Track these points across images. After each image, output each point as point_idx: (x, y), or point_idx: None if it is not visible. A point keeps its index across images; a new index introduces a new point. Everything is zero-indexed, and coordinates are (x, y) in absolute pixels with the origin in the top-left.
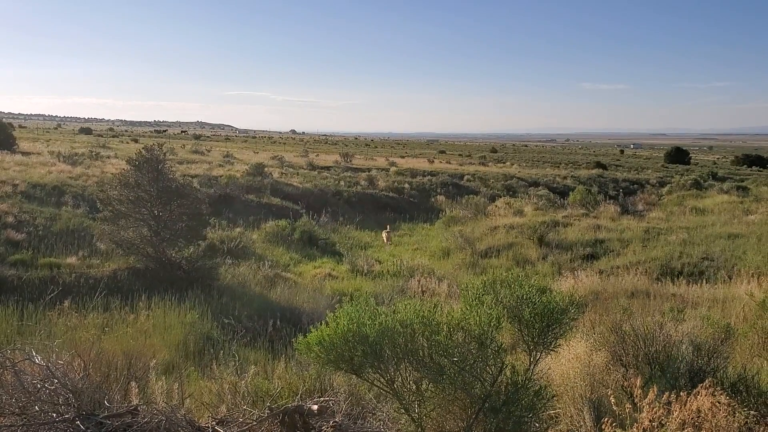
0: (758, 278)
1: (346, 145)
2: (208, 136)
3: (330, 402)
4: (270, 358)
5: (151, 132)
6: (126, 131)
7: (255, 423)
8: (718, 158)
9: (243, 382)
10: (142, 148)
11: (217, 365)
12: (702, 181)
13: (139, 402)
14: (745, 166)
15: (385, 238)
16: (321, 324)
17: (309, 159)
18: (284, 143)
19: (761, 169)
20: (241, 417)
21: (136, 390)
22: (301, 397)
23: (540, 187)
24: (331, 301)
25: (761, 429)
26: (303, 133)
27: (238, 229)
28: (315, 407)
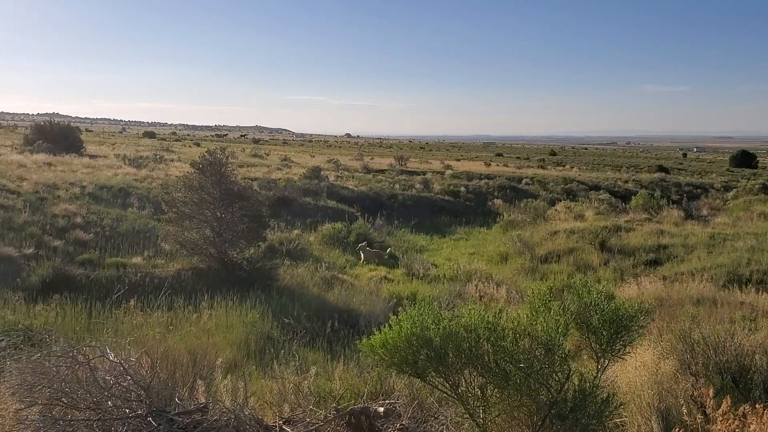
0: None
1: (401, 149)
2: (266, 140)
3: (395, 405)
4: (329, 359)
5: (212, 136)
6: (188, 135)
7: (321, 423)
8: None
9: (306, 382)
10: (206, 152)
11: (277, 365)
12: None
13: (205, 399)
14: None
15: (362, 257)
16: (380, 327)
17: (364, 162)
18: (339, 147)
19: None
20: (307, 417)
21: (203, 388)
22: (365, 399)
23: (601, 191)
24: (388, 304)
25: None
26: (358, 136)
27: (295, 231)
28: (381, 409)
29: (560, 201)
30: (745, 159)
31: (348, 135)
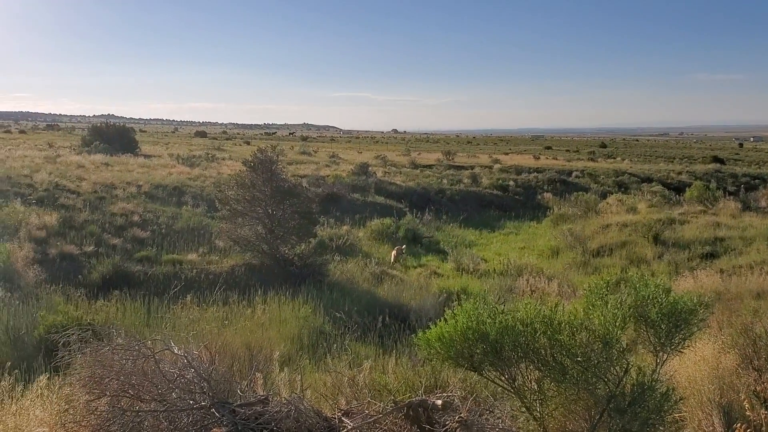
0: None
1: (448, 143)
2: (314, 137)
3: (453, 398)
4: (381, 353)
5: (262, 134)
6: (238, 134)
7: (380, 415)
8: None
9: (361, 375)
10: (256, 150)
11: (330, 358)
12: None
13: (265, 391)
14: None
15: (393, 256)
16: (431, 321)
17: (411, 158)
18: (386, 142)
19: None
20: (365, 409)
21: (261, 380)
22: (422, 392)
23: (653, 183)
24: (438, 299)
25: None
26: (405, 132)
27: (345, 227)
28: (439, 402)
29: (611, 194)
30: None
31: (395, 130)
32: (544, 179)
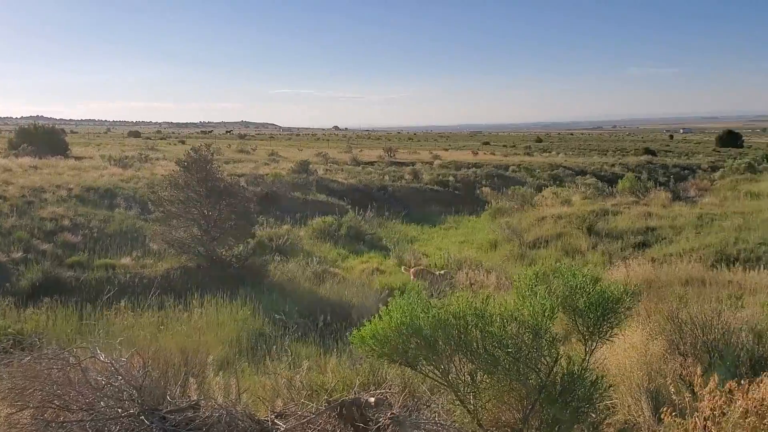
0: None
1: (389, 140)
2: (252, 136)
3: (386, 394)
4: (322, 352)
5: (198, 133)
6: (173, 133)
7: (313, 416)
8: None
9: (298, 376)
10: (190, 149)
11: (270, 360)
12: (756, 164)
13: (198, 397)
14: None
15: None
16: (372, 318)
17: (353, 155)
18: (328, 140)
19: None
20: (299, 410)
21: (195, 386)
22: (356, 390)
23: (587, 176)
24: (380, 296)
25: None
26: (346, 128)
27: (285, 227)
28: (372, 399)
29: (547, 187)
30: (731, 139)
31: (336, 128)
32: (483, 174)
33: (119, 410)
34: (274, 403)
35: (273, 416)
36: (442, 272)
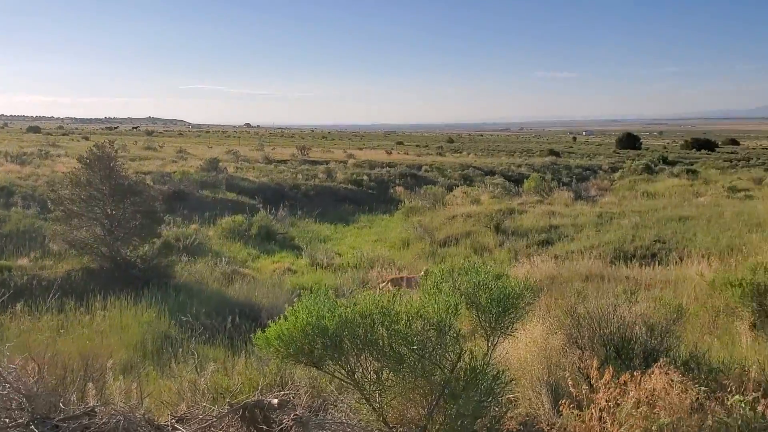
0: (708, 259)
1: (303, 138)
2: (160, 132)
3: (290, 395)
4: (230, 354)
5: (102, 129)
6: (76, 129)
7: (215, 419)
8: (668, 143)
9: (203, 379)
10: (93, 146)
11: (176, 363)
12: (653, 165)
13: (96, 403)
14: (694, 149)
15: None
16: (280, 318)
17: (265, 153)
18: (239, 137)
19: (709, 152)
20: (201, 414)
21: (93, 391)
22: (261, 391)
23: (496, 176)
24: (291, 296)
25: (711, 404)
26: (258, 126)
27: (193, 226)
28: (275, 401)
29: (458, 186)
30: (630, 141)
31: (248, 125)
32: (396, 173)
33: (6, 420)
34: (178, 407)
35: (174, 421)
36: (422, 274)
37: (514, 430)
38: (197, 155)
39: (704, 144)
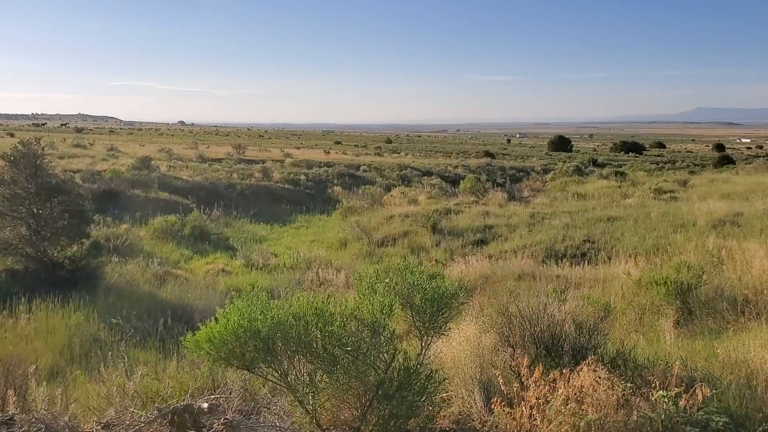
0: (635, 258)
1: (239, 137)
2: (90, 129)
3: (221, 399)
4: (161, 357)
5: (29, 125)
6: (0, 125)
7: (143, 425)
8: (598, 145)
9: (132, 383)
10: (18, 143)
11: (105, 367)
12: (583, 167)
13: (17, 411)
14: (623, 152)
15: None
16: (211, 321)
17: (199, 151)
18: (173, 135)
19: (637, 155)
20: (128, 419)
21: (15, 399)
22: (191, 395)
23: (433, 176)
24: (225, 298)
25: (637, 400)
26: (192, 124)
27: (124, 226)
28: (205, 405)
29: (396, 187)
30: (561, 143)
31: (182, 123)
32: (334, 173)
33: None
34: (105, 412)
35: (99, 427)
36: None
37: (447, 428)
38: (129, 153)
39: (632, 147)
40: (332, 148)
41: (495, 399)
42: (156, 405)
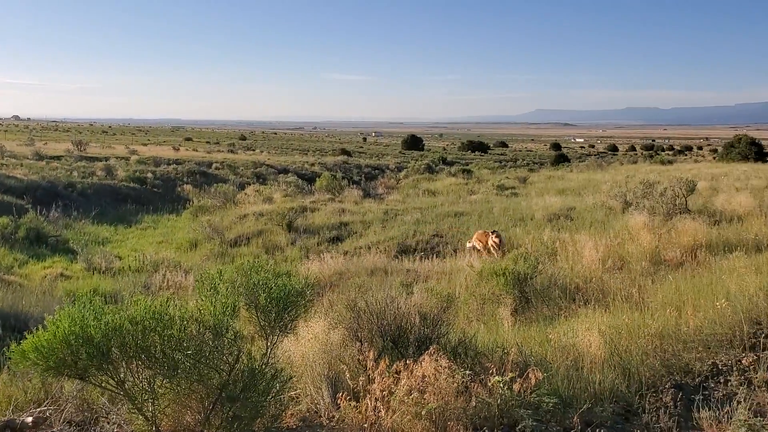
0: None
1: (80, 132)
2: None
3: (48, 412)
4: None
5: None
6: None
7: None
8: (447, 145)
9: None
10: None
11: None
12: (434, 165)
13: None
14: (470, 151)
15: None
16: (38, 328)
17: (36, 148)
18: (6, 131)
19: (483, 153)
20: None
21: None
22: (15, 409)
23: (289, 174)
24: (64, 304)
25: (476, 386)
26: (29, 119)
27: None
28: (29, 419)
29: (250, 185)
30: (414, 142)
31: (16, 117)
32: (185, 171)
33: None
34: None
35: None
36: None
37: (294, 426)
38: None
39: (478, 146)
40: (182, 144)
41: (341, 394)
42: None
